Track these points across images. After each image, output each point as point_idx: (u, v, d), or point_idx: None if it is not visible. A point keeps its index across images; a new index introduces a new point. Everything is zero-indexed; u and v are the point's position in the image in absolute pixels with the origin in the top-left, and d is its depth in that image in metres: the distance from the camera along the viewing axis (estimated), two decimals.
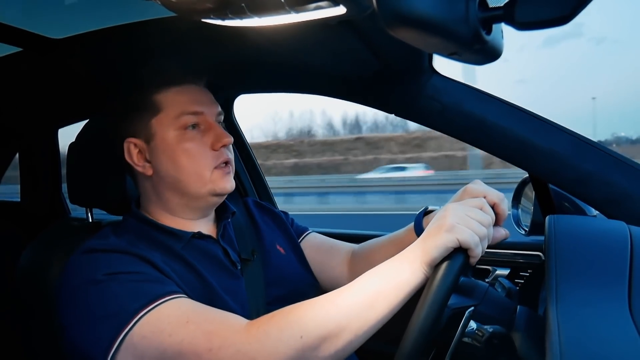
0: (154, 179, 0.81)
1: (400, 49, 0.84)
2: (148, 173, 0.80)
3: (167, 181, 0.80)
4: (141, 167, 0.81)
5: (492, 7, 0.49)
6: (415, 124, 1.63)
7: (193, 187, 0.79)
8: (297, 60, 0.99)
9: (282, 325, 0.60)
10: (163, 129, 0.79)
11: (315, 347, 0.59)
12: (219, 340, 0.61)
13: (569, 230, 0.68)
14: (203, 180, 0.79)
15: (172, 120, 0.78)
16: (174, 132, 0.78)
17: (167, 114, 0.79)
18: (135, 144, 0.80)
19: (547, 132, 0.86)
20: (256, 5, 0.50)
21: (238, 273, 0.82)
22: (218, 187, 0.80)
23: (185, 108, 0.79)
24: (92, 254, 0.70)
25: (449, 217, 0.61)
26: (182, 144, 0.78)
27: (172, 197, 0.81)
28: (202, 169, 0.79)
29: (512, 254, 1.15)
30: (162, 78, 0.80)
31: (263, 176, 1.60)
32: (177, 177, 0.79)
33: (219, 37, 0.84)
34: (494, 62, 0.60)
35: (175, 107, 0.79)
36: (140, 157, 0.81)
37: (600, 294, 0.56)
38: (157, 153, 0.79)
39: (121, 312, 0.62)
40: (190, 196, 0.80)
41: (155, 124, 0.79)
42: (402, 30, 0.45)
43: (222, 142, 0.80)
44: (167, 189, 0.81)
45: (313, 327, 0.59)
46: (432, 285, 0.58)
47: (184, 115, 0.79)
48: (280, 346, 0.59)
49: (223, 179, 0.80)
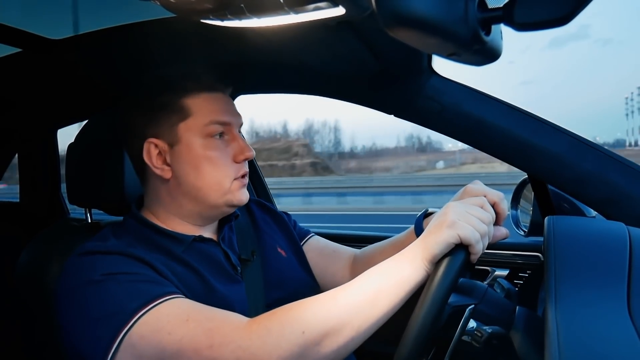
0: (171, 183, 0.79)
1: (399, 50, 0.84)
2: (166, 176, 0.78)
3: (185, 187, 0.78)
4: (159, 169, 0.78)
5: (491, 7, 0.49)
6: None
7: (212, 196, 0.78)
8: (296, 61, 0.99)
9: (283, 321, 0.60)
10: (190, 134, 0.76)
11: (317, 343, 0.59)
12: (219, 337, 0.60)
13: (568, 231, 0.69)
14: (223, 190, 0.78)
15: (200, 127, 0.76)
16: (200, 139, 0.77)
17: (196, 120, 0.77)
18: (156, 145, 0.77)
19: (546, 133, 0.87)
20: (255, 5, 0.50)
21: (238, 277, 0.81)
22: (236, 198, 0.79)
23: (215, 117, 0.77)
24: (91, 256, 0.70)
25: (450, 214, 0.61)
26: (207, 151, 0.77)
27: (187, 204, 0.79)
28: (223, 179, 0.78)
29: (511, 255, 1.15)
30: (194, 82, 0.78)
31: (262, 177, 1.60)
32: (196, 185, 0.77)
33: (218, 37, 0.84)
34: (493, 62, 0.60)
35: (205, 115, 0.77)
36: (160, 159, 0.78)
37: (599, 295, 0.56)
38: (180, 158, 0.77)
39: (119, 312, 0.62)
40: (206, 204, 0.79)
41: (182, 129, 0.77)
42: (401, 31, 0.45)
43: (245, 155, 0.79)
44: (184, 194, 0.79)
45: (315, 323, 0.59)
46: (433, 281, 0.58)
47: (213, 124, 0.77)
48: (281, 342, 0.59)
49: (240, 191, 0.80)
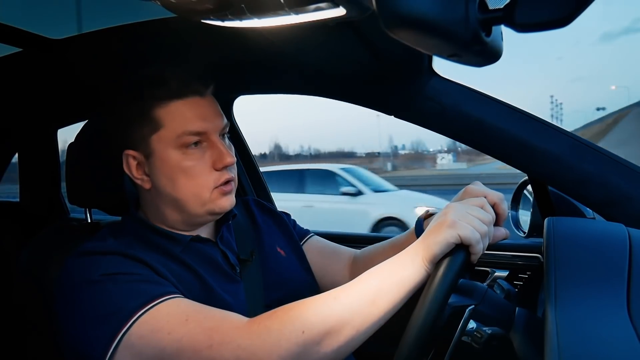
0: (152, 193, 0.78)
1: (399, 50, 0.84)
2: (146, 187, 0.77)
3: (165, 198, 0.77)
4: (140, 180, 0.77)
5: (492, 8, 0.49)
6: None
7: (191, 207, 0.76)
8: (296, 61, 0.99)
9: (283, 320, 0.60)
10: (162, 146, 0.74)
11: (317, 342, 0.59)
12: (219, 336, 0.60)
13: (568, 232, 0.69)
14: (202, 201, 0.76)
15: (173, 139, 0.74)
16: (174, 151, 0.74)
17: (167, 132, 0.74)
18: (134, 157, 0.77)
19: (546, 134, 0.86)
20: (256, 6, 0.50)
21: (237, 276, 0.81)
22: (217, 207, 0.77)
23: (187, 127, 0.74)
24: (89, 256, 0.70)
25: (451, 214, 0.61)
26: (182, 163, 0.74)
27: (171, 213, 0.79)
28: (201, 190, 0.75)
29: (511, 256, 1.15)
30: (162, 89, 0.74)
31: (262, 177, 1.60)
32: (175, 196, 0.76)
33: (218, 38, 0.84)
34: (493, 64, 0.60)
35: (176, 125, 0.74)
36: (139, 170, 0.77)
37: (599, 296, 0.56)
38: (156, 170, 0.76)
39: (119, 312, 0.62)
40: (188, 214, 0.78)
41: (154, 140, 0.74)
42: (401, 32, 0.45)
43: (223, 162, 0.75)
44: (166, 204, 0.78)
45: (315, 322, 0.59)
46: (433, 281, 0.58)
47: (186, 135, 0.74)
48: (282, 341, 0.59)
49: (222, 199, 0.77)
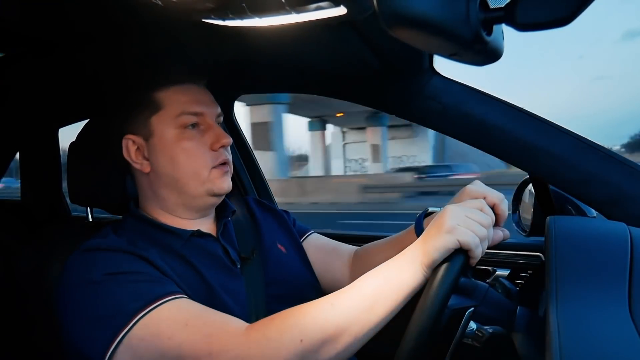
0: (152, 177, 0.81)
1: (400, 50, 0.84)
2: (145, 170, 0.80)
3: (164, 179, 0.80)
4: (139, 164, 0.81)
5: (493, 8, 0.49)
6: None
7: (190, 186, 0.79)
8: (297, 60, 0.99)
9: (282, 329, 0.60)
10: (162, 126, 0.79)
11: (315, 350, 0.59)
12: (218, 344, 0.61)
13: (569, 231, 0.68)
14: (200, 179, 0.79)
15: (172, 119, 0.79)
16: (173, 130, 0.78)
17: (167, 112, 0.79)
18: (133, 141, 0.80)
19: (547, 133, 0.86)
20: (257, 5, 0.50)
21: (238, 272, 0.81)
22: (216, 186, 0.80)
23: (185, 107, 0.79)
24: (91, 253, 0.70)
25: (449, 218, 0.60)
26: (181, 142, 0.78)
27: (170, 196, 0.81)
28: (200, 168, 0.79)
29: (513, 255, 1.15)
30: (163, 76, 0.80)
31: (263, 176, 1.60)
32: (174, 176, 0.79)
33: (219, 37, 0.83)
34: (494, 63, 0.60)
35: (175, 106, 0.79)
36: (139, 154, 0.81)
37: (601, 295, 0.56)
38: (156, 151, 0.79)
39: (119, 313, 0.62)
40: (187, 195, 0.80)
41: (155, 122, 0.79)
42: (402, 31, 0.45)
43: (221, 142, 0.80)
44: (165, 187, 0.81)
45: (313, 330, 0.59)
46: (431, 286, 0.58)
47: (184, 114, 0.79)
48: (280, 350, 0.59)
49: (220, 179, 0.80)
